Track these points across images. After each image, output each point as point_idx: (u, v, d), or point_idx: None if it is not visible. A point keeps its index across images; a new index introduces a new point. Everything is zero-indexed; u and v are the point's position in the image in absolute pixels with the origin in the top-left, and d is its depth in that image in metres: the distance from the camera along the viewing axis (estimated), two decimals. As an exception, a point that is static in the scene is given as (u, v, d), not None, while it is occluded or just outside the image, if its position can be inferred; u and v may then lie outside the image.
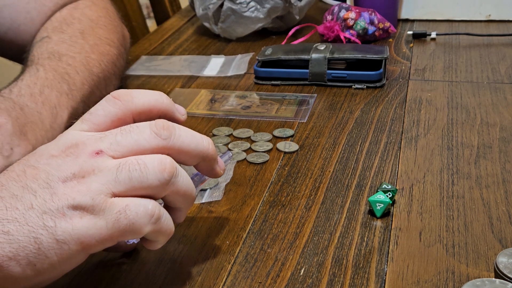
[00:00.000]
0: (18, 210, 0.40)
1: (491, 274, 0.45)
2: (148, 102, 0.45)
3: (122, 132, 0.42)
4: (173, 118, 0.47)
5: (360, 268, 0.47)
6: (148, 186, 0.41)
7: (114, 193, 0.40)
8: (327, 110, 0.74)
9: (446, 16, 1.06)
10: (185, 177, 0.43)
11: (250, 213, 0.54)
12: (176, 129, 0.43)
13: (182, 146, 0.43)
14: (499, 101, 0.75)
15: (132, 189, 0.41)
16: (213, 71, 0.87)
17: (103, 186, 0.40)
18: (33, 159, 0.42)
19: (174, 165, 0.42)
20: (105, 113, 0.44)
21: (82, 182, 0.40)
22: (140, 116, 0.45)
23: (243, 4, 0.95)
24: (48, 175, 0.41)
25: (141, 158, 0.41)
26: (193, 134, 0.45)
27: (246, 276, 0.46)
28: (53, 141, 0.43)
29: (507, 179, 0.58)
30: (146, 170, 0.41)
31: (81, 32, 0.75)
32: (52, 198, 0.40)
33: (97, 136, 0.43)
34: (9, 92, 0.61)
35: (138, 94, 0.45)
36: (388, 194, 0.54)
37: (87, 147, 0.42)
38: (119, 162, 0.41)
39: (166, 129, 0.43)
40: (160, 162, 0.41)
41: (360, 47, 0.84)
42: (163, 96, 0.46)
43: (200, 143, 0.45)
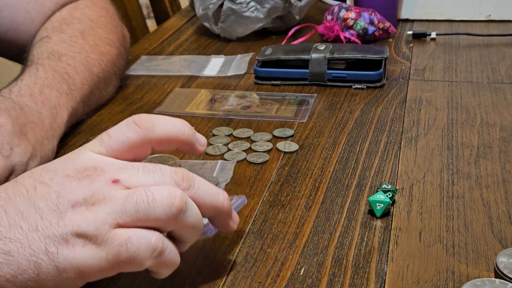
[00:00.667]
0: (21, 229, 0.39)
1: (491, 274, 0.45)
2: (169, 133, 0.44)
3: (144, 170, 0.42)
4: (193, 149, 0.46)
5: (360, 268, 0.47)
6: (155, 219, 0.40)
7: (120, 223, 0.40)
8: (327, 110, 0.74)
9: (446, 16, 1.06)
10: (195, 212, 0.42)
11: (250, 213, 0.54)
12: (196, 181, 0.43)
13: (198, 198, 0.43)
14: (499, 101, 0.75)
15: (138, 221, 0.40)
16: (213, 71, 0.87)
17: (109, 216, 0.39)
18: (47, 176, 0.41)
19: (184, 199, 0.41)
20: (124, 139, 0.43)
21: (91, 209, 0.39)
22: (159, 145, 0.44)
23: (243, 4, 0.95)
24: (58, 197, 0.40)
25: (151, 189, 0.40)
26: (210, 188, 0.44)
27: (246, 276, 0.46)
28: (69, 159, 0.42)
29: (507, 179, 0.58)
30: (154, 203, 0.40)
31: (81, 32, 0.75)
32: (58, 222, 0.39)
33: (118, 165, 0.42)
34: (9, 92, 0.61)
35: (160, 123, 0.44)
36: (388, 194, 0.54)
37: (106, 174, 0.41)
38: (128, 192, 0.40)
39: (186, 180, 0.42)
40: (170, 195, 0.40)
41: (360, 47, 0.84)
42: (185, 127, 0.45)
43: (216, 198, 0.44)
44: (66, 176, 0.41)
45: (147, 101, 0.79)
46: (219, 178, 0.59)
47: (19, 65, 0.73)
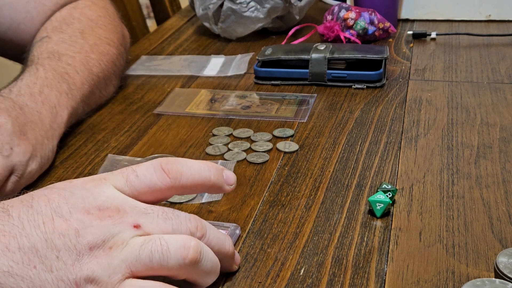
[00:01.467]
0: (35, 269, 0.37)
1: (491, 274, 0.45)
2: (196, 181, 0.44)
3: (163, 215, 0.41)
4: (220, 190, 0.46)
5: (360, 268, 0.47)
6: (168, 269, 0.40)
7: (133, 272, 0.39)
8: (327, 110, 0.74)
9: (446, 16, 1.06)
10: (210, 259, 0.42)
11: (250, 213, 0.54)
12: (207, 231, 0.43)
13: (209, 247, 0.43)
14: (499, 101, 0.75)
15: (151, 270, 0.40)
16: (213, 71, 0.87)
17: (124, 264, 0.39)
18: (66, 208, 0.39)
19: (198, 250, 0.40)
20: (151, 184, 0.42)
21: (108, 254, 0.39)
22: (184, 190, 0.44)
23: (243, 4, 0.95)
24: (77, 236, 0.38)
25: (165, 239, 0.40)
26: (220, 236, 0.44)
27: (246, 276, 0.46)
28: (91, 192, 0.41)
29: (507, 179, 0.58)
30: (168, 253, 0.39)
31: (81, 32, 0.75)
32: (74, 265, 0.38)
33: (140, 209, 0.41)
34: (9, 91, 0.61)
35: (187, 172, 0.43)
36: (388, 194, 0.54)
37: (128, 217, 0.40)
38: (144, 239, 0.40)
39: (200, 230, 0.42)
40: (184, 246, 0.40)
41: (360, 47, 0.84)
42: (212, 172, 0.44)
43: (224, 245, 0.44)
44: (87, 213, 0.39)
45: (147, 101, 0.79)
46: (219, 178, 0.59)
47: (19, 65, 0.73)
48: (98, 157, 0.65)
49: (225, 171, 0.46)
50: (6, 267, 0.37)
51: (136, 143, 0.67)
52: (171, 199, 0.56)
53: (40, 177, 0.60)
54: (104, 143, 0.68)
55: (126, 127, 0.72)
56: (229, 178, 0.46)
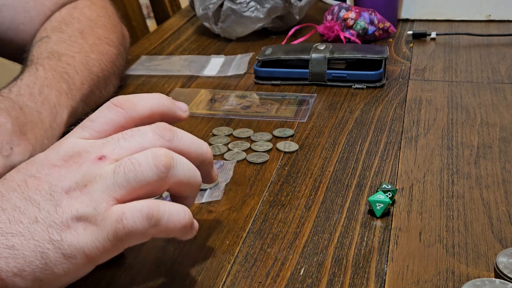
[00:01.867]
0: (22, 223, 0.39)
1: (491, 274, 0.45)
2: (150, 108, 0.44)
3: (124, 136, 0.42)
4: (176, 117, 0.46)
5: (360, 268, 0.47)
6: (147, 183, 0.40)
7: (116, 198, 0.40)
8: (327, 110, 0.74)
9: (446, 16, 1.06)
10: (185, 164, 0.42)
11: (250, 212, 0.54)
12: (178, 131, 0.43)
13: (184, 147, 0.43)
14: (499, 101, 0.74)
15: (133, 190, 0.40)
16: (213, 71, 0.87)
17: (104, 194, 0.40)
18: (34, 168, 0.41)
19: (169, 155, 0.41)
20: (107, 120, 0.43)
21: (85, 191, 0.40)
22: (142, 121, 0.44)
23: (243, 4, 0.95)
24: (51, 186, 0.40)
25: (135, 157, 0.40)
26: (193, 137, 0.44)
27: (246, 276, 0.46)
28: (52, 149, 0.43)
29: (507, 179, 0.58)
30: (141, 168, 0.40)
31: (81, 31, 0.75)
32: (56, 210, 0.39)
33: (99, 142, 0.42)
34: (9, 91, 0.61)
35: (139, 101, 0.44)
36: (388, 194, 0.54)
37: (90, 154, 0.41)
38: (114, 165, 0.40)
39: (169, 130, 0.43)
40: (154, 156, 0.40)
41: (360, 47, 0.84)
42: (163, 98, 0.46)
43: (200, 146, 0.45)
44: (53, 166, 0.41)
45: (147, 101, 0.79)
46: (219, 178, 0.59)
47: (19, 65, 0.73)
48: (98, 157, 0.65)
49: (177, 102, 0.47)
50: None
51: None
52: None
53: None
54: (104, 143, 0.68)
55: (126, 127, 0.71)
56: (181, 105, 0.47)
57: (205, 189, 0.58)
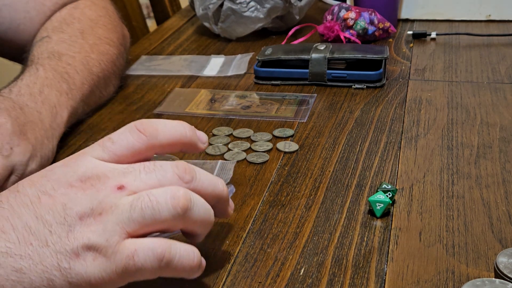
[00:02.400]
0: (32, 245, 0.38)
1: (491, 274, 0.45)
2: (173, 138, 0.44)
3: (146, 169, 0.41)
4: (195, 149, 0.46)
5: (360, 268, 0.47)
6: (162, 222, 0.40)
7: (129, 232, 0.39)
8: (327, 110, 0.74)
9: (446, 16, 1.06)
10: (202, 206, 0.42)
11: (250, 213, 0.54)
12: (197, 173, 0.43)
13: (201, 189, 0.43)
14: (499, 101, 0.75)
15: (146, 227, 0.40)
16: (213, 71, 0.87)
17: (118, 226, 0.39)
18: (49, 184, 0.40)
19: (188, 197, 0.41)
20: (128, 145, 0.42)
21: (99, 220, 0.39)
22: (162, 149, 0.44)
23: (243, 4, 0.95)
24: (65, 208, 0.39)
25: (154, 194, 0.40)
26: (211, 177, 0.44)
27: (246, 276, 0.46)
28: (69, 166, 0.41)
29: (507, 179, 0.58)
30: (159, 206, 0.39)
31: (81, 31, 0.75)
32: (68, 236, 0.38)
33: (120, 169, 0.41)
34: (9, 91, 0.61)
35: (163, 129, 0.43)
36: (388, 194, 0.54)
37: (110, 181, 0.40)
38: (132, 198, 0.40)
39: (189, 173, 0.42)
40: (173, 196, 0.40)
41: (360, 47, 0.84)
42: (187, 129, 0.45)
43: (217, 186, 0.44)
44: (70, 186, 0.40)
45: (147, 101, 0.79)
46: (219, 178, 0.59)
47: (19, 65, 0.73)
48: (98, 157, 0.65)
49: (197, 131, 0.46)
50: (3, 248, 0.38)
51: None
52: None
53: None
54: (104, 143, 0.68)
55: (126, 127, 0.71)
56: (202, 136, 0.47)
57: (205, 189, 0.58)
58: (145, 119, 0.44)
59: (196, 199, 0.42)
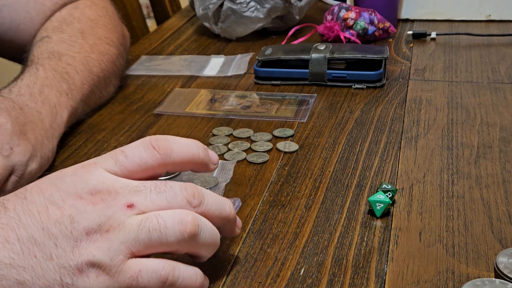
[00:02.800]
0: (36, 258, 0.38)
1: (491, 274, 0.45)
2: (186, 157, 0.44)
3: (157, 189, 0.41)
4: (206, 169, 0.46)
5: (360, 268, 0.47)
6: (168, 245, 0.40)
7: (133, 252, 0.39)
8: (327, 110, 0.74)
9: (446, 16, 1.06)
10: (209, 231, 0.42)
11: (250, 213, 0.54)
12: (205, 197, 0.43)
13: (208, 213, 0.43)
14: (499, 101, 0.75)
15: (151, 248, 0.40)
16: (213, 71, 0.87)
17: (123, 245, 0.39)
18: (58, 195, 0.40)
19: (196, 223, 0.41)
20: (141, 162, 0.42)
21: (105, 237, 0.39)
22: (173, 167, 0.44)
23: (243, 4, 0.95)
24: (72, 222, 0.39)
25: (162, 216, 0.40)
26: (219, 200, 0.44)
27: (246, 276, 0.46)
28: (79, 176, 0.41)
29: (507, 179, 0.58)
30: (166, 230, 0.40)
31: (81, 31, 0.75)
32: (73, 251, 0.38)
33: (131, 187, 0.41)
34: (9, 92, 0.61)
35: (177, 148, 0.43)
36: (388, 194, 0.54)
37: (120, 198, 0.40)
38: (140, 219, 0.40)
39: (197, 197, 0.42)
40: (181, 221, 0.40)
41: (360, 47, 0.84)
42: (200, 149, 0.45)
43: (224, 209, 0.44)
44: (79, 198, 0.39)
45: (147, 101, 0.79)
46: (219, 178, 0.59)
47: (19, 65, 0.73)
48: (98, 157, 0.65)
49: (209, 150, 0.46)
50: (7, 259, 0.37)
51: (136, 143, 0.67)
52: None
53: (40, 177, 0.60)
54: (104, 143, 0.68)
55: (126, 127, 0.72)
56: (213, 157, 0.47)
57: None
58: (160, 136, 0.43)
59: (204, 224, 0.42)
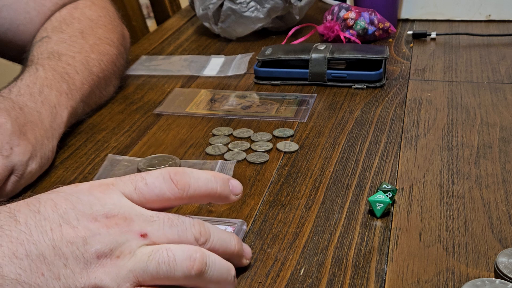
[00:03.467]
0: (43, 276, 0.37)
1: (491, 274, 0.45)
2: (202, 193, 0.44)
3: (170, 222, 0.41)
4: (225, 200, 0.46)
5: (360, 268, 0.47)
6: (174, 280, 0.40)
7: (140, 282, 0.40)
8: (327, 110, 0.74)
9: (446, 16, 1.06)
10: (217, 269, 0.42)
11: (250, 213, 0.54)
12: (211, 234, 0.43)
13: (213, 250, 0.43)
14: (499, 101, 0.74)
15: (158, 280, 0.40)
16: (213, 71, 0.87)
17: (132, 274, 0.39)
18: (73, 214, 0.39)
19: (204, 261, 0.41)
20: (160, 193, 0.42)
21: (115, 263, 0.39)
22: (189, 201, 0.44)
23: (243, 4, 0.95)
24: (85, 244, 0.38)
25: (172, 250, 0.40)
26: (224, 237, 0.44)
27: (246, 276, 0.46)
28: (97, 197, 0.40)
29: (507, 179, 0.58)
30: (174, 265, 0.40)
31: (81, 31, 0.75)
32: (81, 273, 0.38)
33: (146, 216, 0.41)
34: (9, 92, 0.61)
35: (195, 183, 0.43)
36: (388, 194, 0.54)
37: (135, 225, 0.40)
38: (151, 250, 0.40)
39: (204, 235, 0.42)
40: (190, 257, 0.40)
41: (360, 47, 0.84)
42: (219, 183, 0.45)
43: (229, 246, 0.44)
44: (94, 220, 0.39)
45: (147, 101, 0.79)
46: (219, 178, 0.59)
47: (19, 65, 0.73)
48: (98, 157, 0.65)
49: (231, 181, 0.46)
50: (13, 274, 0.37)
51: (136, 143, 0.67)
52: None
53: (40, 177, 0.60)
54: (104, 143, 0.68)
55: (126, 127, 0.72)
56: (235, 188, 0.46)
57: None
58: (180, 169, 0.44)
59: (212, 262, 0.42)
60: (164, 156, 0.63)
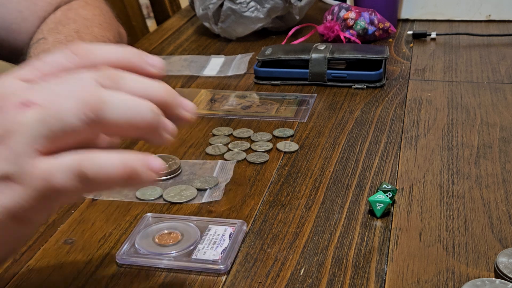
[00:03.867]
0: None
1: (491, 274, 0.45)
2: (108, 61, 0.38)
3: (58, 80, 0.36)
4: (145, 73, 0.38)
5: (360, 268, 0.47)
6: (73, 131, 0.35)
7: (40, 151, 0.35)
8: (327, 110, 0.74)
9: (446, 16, 1.06)
10: (122, 103, 0.35)
11: (250, 213, 0.54)
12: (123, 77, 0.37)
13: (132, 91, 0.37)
14: (499, 101, 0.74)
15: (58, 140, 0.35)
16: (213, 71, 0.87)
17: (27, 147, 0.34)
18: None
19: (95, 95, 0.35)
20: (55, 64, 0.37)
21: (7, 144, 0.35)
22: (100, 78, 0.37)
23: (243, 4, 0.95)
24: None
25: (53, 101, 0.35)
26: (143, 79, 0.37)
27: (246, 276, 0.46)
28: None
29: (507, 179, 0.58)
30: (64, 114, 0.34)
31: (76, 31, 0.75)
32: None
33: (28, 84, 0.36)
34: None
35: (99, 51, 0.38)
36: (388, 194, 0.54)
37: (14, 97, 0.35)
38: (33, 112, 0.35)
39: (110, 77, 0.36)
40: (78, 98, 0.34)
41: (360, 47, 0.84)
42: (131, 52, 0.38)
43: (151, 86, 0.37)
44: None
45: (147, 101, 0.79)
46: (219, 178, 0.59)
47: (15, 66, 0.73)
48: (98, 157, 0.65)
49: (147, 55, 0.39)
50: None
51: (136, 143, 0.67)
52: (171, 199, 0.56)
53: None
54: (104, 143, 0.68)
55: (126, 127, 0.71)
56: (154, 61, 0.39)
57: (205, 189, 0.58)
58: (84, 43, 0.39)
59: (112, 96, 0.35)
60: (164, 156, 0.63)
